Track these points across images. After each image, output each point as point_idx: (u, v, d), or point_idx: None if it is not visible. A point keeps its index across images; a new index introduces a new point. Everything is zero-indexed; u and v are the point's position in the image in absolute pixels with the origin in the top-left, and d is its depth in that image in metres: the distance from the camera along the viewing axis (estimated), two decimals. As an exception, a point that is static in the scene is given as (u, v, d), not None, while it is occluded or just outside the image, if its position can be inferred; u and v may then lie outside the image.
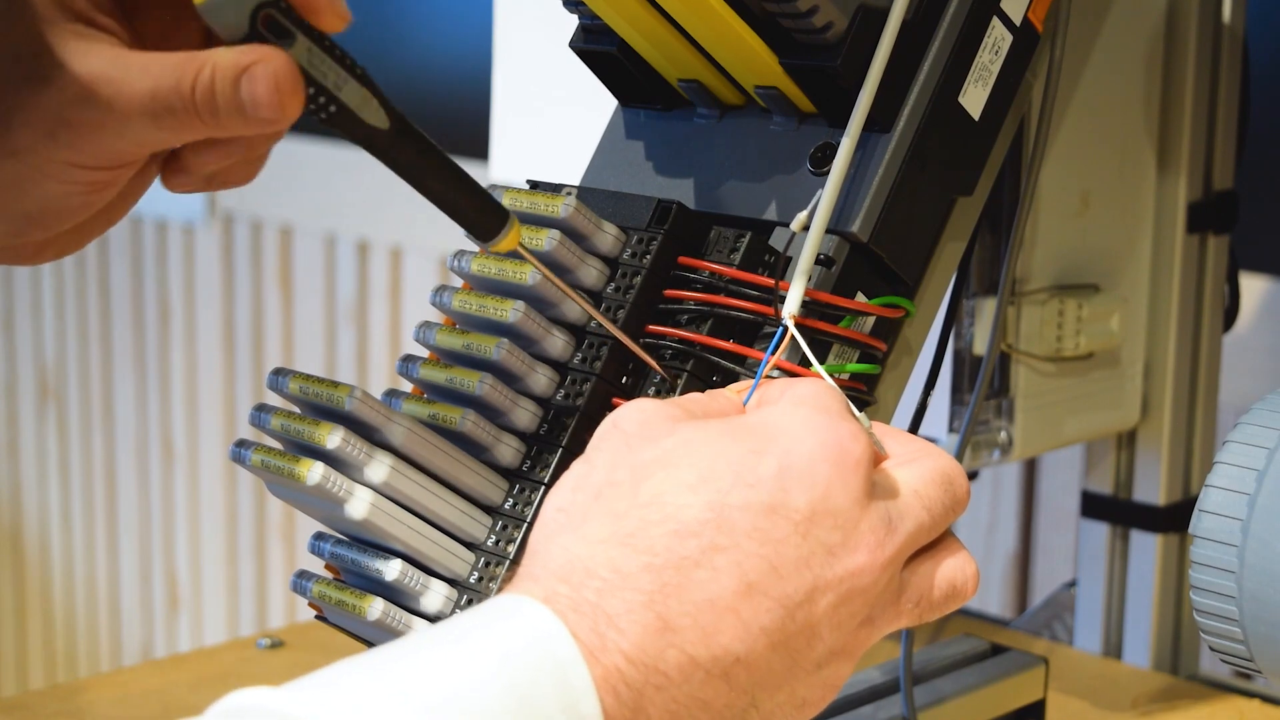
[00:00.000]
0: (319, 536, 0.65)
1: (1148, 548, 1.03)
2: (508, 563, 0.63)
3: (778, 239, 0.67)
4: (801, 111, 0.69)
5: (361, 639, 0.65)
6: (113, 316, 2.40)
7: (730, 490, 0.53)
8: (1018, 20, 0.70)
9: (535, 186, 0.70)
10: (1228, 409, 1.06)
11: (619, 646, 0.51)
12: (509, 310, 0.64)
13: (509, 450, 0.65)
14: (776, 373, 0.63)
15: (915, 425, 0.79)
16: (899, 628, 0.58)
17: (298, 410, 0.64)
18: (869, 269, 0.67)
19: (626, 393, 0.65)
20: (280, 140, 0.60)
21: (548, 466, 0.64)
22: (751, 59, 0.68)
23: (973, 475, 1.02)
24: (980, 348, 0.93)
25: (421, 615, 0.63)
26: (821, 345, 0.66)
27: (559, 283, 0.64)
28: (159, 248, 2.28)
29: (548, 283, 0.64)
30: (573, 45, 0.74)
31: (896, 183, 0.67)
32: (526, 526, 0.63)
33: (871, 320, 0.68)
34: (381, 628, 0.62)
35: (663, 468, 0.54)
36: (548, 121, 1.18)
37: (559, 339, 0.65)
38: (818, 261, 0.66)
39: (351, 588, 0.64)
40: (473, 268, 0.67)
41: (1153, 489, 1.02)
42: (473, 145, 1.67)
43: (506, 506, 0.65)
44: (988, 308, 0.92)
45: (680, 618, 0.52)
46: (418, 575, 0.62)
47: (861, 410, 0.60)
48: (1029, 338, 0.93)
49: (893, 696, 0.84)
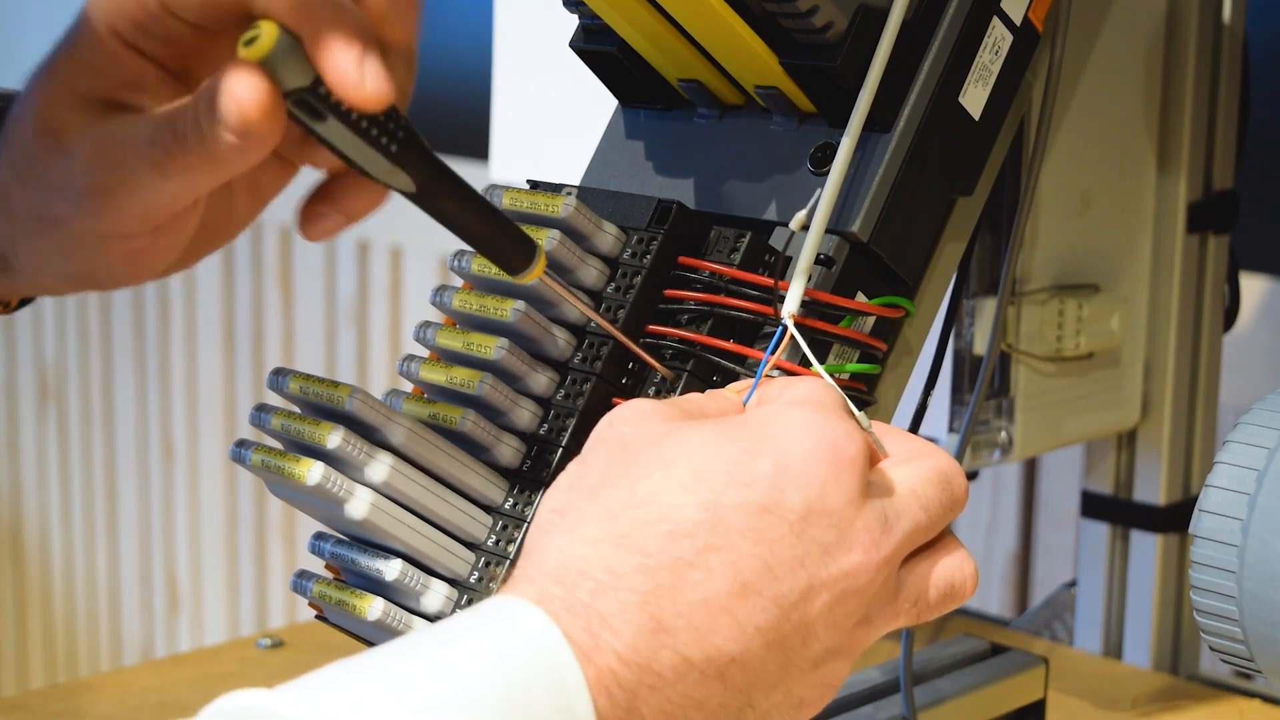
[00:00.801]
0: (319, 536, 0.65)
1: (1148, 548, 1.03)
2: (508, 563, 0.63)
3: (778, 239, 0.67)
4: (801, 111, 0.69)
5: (361, 639, 0.65)
6: (113, 316, 2.40)
7: (725, 490, 0.53)
8: (1018, 20, 0.70)
9: (535, 186, 0.70)
10: (1228, 409, 1.06)
11: (612, 647, 0.51)
12: (509, 310, 0.64)
13: (509, 450, 0.65)
14: (776, 372, 0.63)
15: (915, 425, 0.79)
16: (897, 627, 0.57)
17: (298, 410, 0.64)
18: (869, 269, 0.67)
19: (626, 393, 0.65)
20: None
21: (548, 466, 0.64)
22: (751, 59, 0.68)
23: (973, 475, 1.02)
24: (980, 348, 0.93)
25: (421, 615, 0.63)
26: (821, 345, 0.66)
27: (578, 303, 0.64)
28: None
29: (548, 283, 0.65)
30: (573, 45, 0.74)
31: (896, 183, 0.67)
32: (526, 526, 0.63)
33: (871, 320, 0.68)
34: (381, 628, 0.62)
35: (658, 468, 0.54)
36: (548, 121, 1.18)
37: (559, 339, 0.65)
38: (818, 261, 0.66)
39: (352, 588, 0.64)
40: (473, 268, 0.67)
41: (1153, 489, 1.02)
42: (473, 145, 1.67)
43: (507, 506, 0.65)
44: (988, 308, 0.92)
45: (674, 618, 0.52)
46: (418, 575, 0.62)
47: (861, 410, 0.60)
48: (1029, 338, 0.93)
49: (893, 696, 0.84)
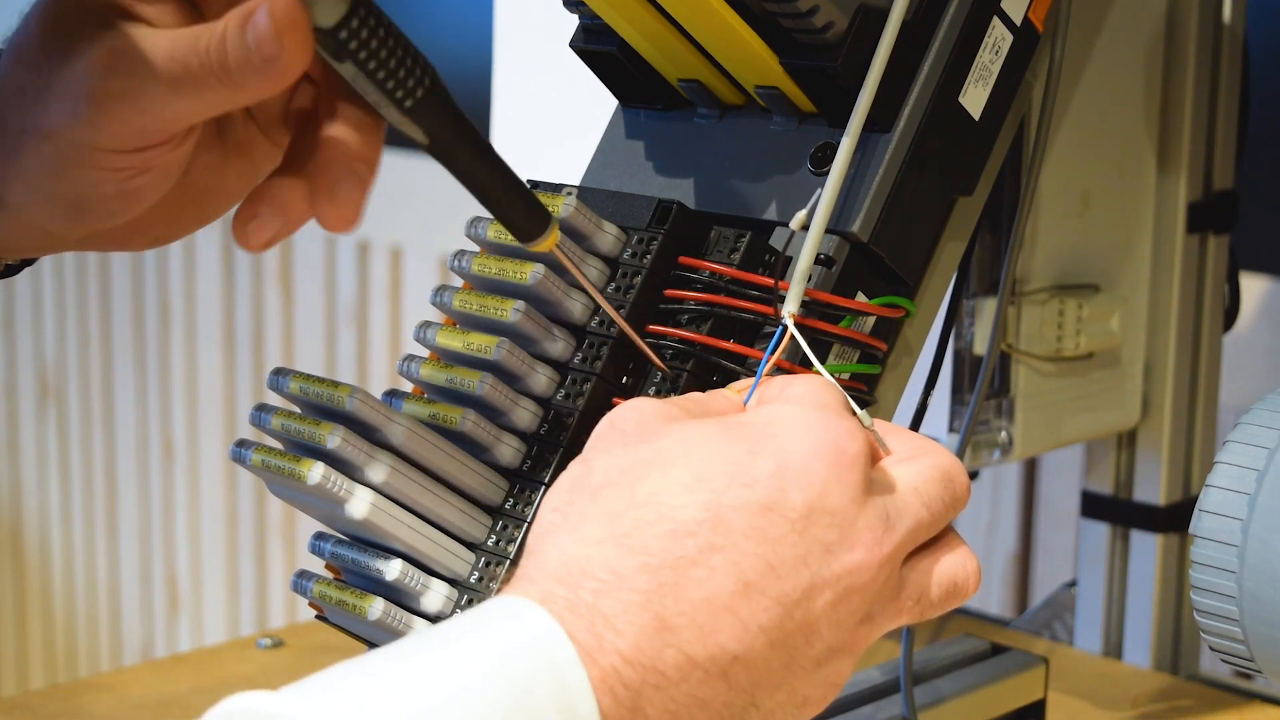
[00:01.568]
0: (319, 536, 0.65)
1: (1148, 548, 1.03)
2: (508, 563, 0.63)
3: (778, 239, 0.67)
4: (801, 111, 0.69)
5: (362, 639, 0.65)
6: (113, 316, 2.40)
7: (726, 490, 0.53)
8: (1018, 20, 0.70)
9: (535, 186, 0.70)
10: (1228, 409, 1.06)
11: (616, 647, 0.51)
12: (509, 310, 0.64)
13: (509, 450, 0.65)
14: (777, 372, 0.63)
15: (915, 425, 0.79)
16: (900, 625, 0.57)
17: (298, 410, 0.64)
18: (869, 269, 0.67)
19: (627, 393, 0.65)
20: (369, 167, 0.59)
21: (548, 466, 0.64)
22: (751, 59, 0.68)
23: (973, 475, 1.02)
24: (980, 348, 0.93)
25: (422, 615, 0.63)
26: (822, 345, 0.66)
27: (588, 284, 0.64)
28: (159, 248, 2.28)
29: (548, 282, 0.65)
30: (573, 45, 0.74)
31: (896, 183, 0.67)
32: (527, 526, 0.63)
33: (871, 320, 0.68)
34: (382, 628, 0.62)
35: (658, 467, 0.54)
36: (548, 121, 1.18)
37: (559, 339, 0.65)
38: (818, 261, 0.66)
39: (352, 588, 0.64)
40: (473, 268, 0.67)
41: (1153, 489, 1.02)
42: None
43: (507, 506, 0.65)
44: (988, 308, 0.92)
45: (677, 617, 0.51)
46: (418, 575, 0.62)
47: (862, 410, 0.60)
48: (1029, 338, 0.93)
49: (893, 696, 0.84)
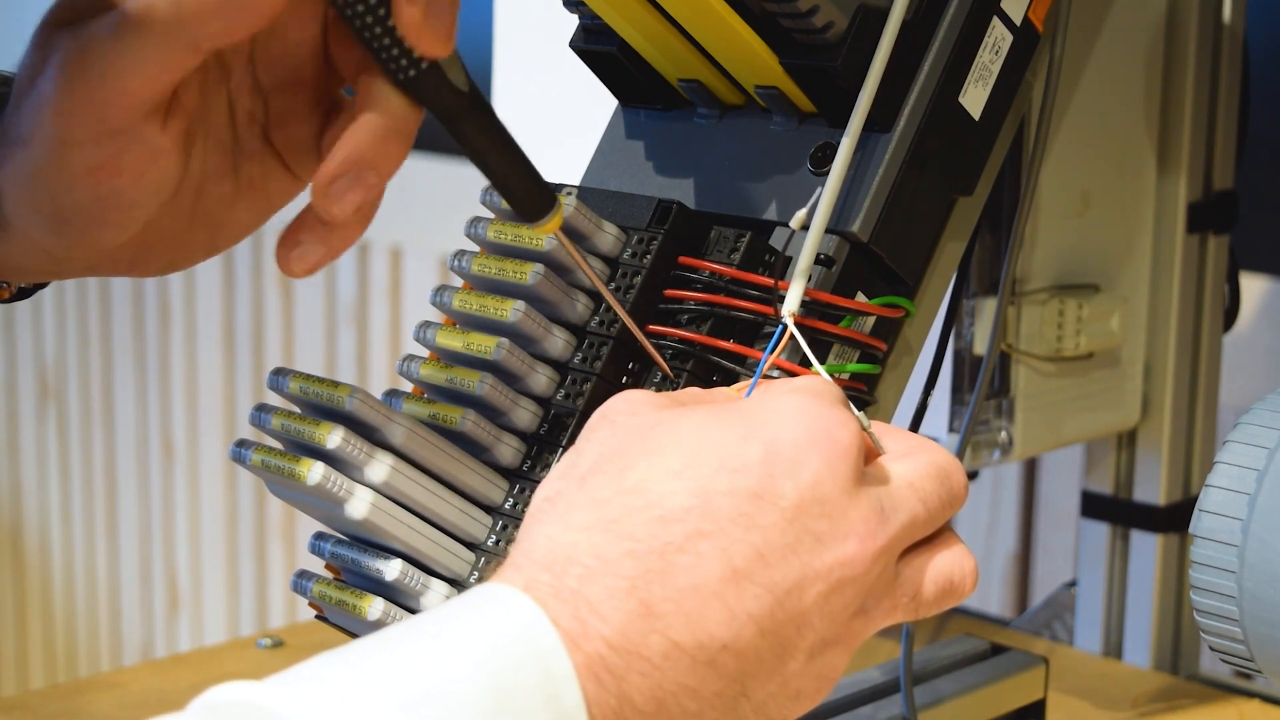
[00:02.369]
0: (319, 536, 0.65)
1: (1148, 548, 1.03)
2: (508, 562, 0.63)
3: (778, 239, 0.67)
4: (801, 111, 0.69)
5: (362, 639, 0.65)
6: (113, 316, 2.40)
7: (715, 476, 0.53)
8: (1018, 20, 0.70)
9: (535, 186, 0.70)
10: (1228, 409, 1.06)
11: (601, 633, 0.50)
12: (509, 310, 0.64)
13: (509, 450, 0.65)
14: (777, 372, 0.64)
15: (915, 425, 0.79)
16: (895, 621, 0.57)
17: (298, 410, 0.64)
18: (869, 269, 0.67)
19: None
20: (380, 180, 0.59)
21: (548, 466, 0.64)
22: (751, 59, 0.68)
23: (973, 475, 1.02)
24: (980, 348, 0.93)
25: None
26: (822, 345, 0.66)
27: (590, 272, 0.64)
28: (159, 248, 2.28)
29: (547, 282, 0.65)
30: (573, 45, 0.74)
31: (896, 183, 0.67)
32: (526, 526, 0.63)
33: (871, 320, 0.68)
34: (381, 628, 0.62)
35: (648, 455, 0.54)
36: (547, 122, 1.18)
37: (559, 339, 0.65)
38: (818, 261, 0.66)
39: (352, 588, 0.64)
40: (473, 268, 0.67)
41: (1153, 489, 1.02)
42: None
43: (507, 506, 0.65)
44: (988, 308, 0.92)
45: (663, 603, 0.51)
46: (418, 575, 0.62)
47: (861, 410, 0.60)
48: (1029, 338, 0.93)
49: (893, 696, 0.84)
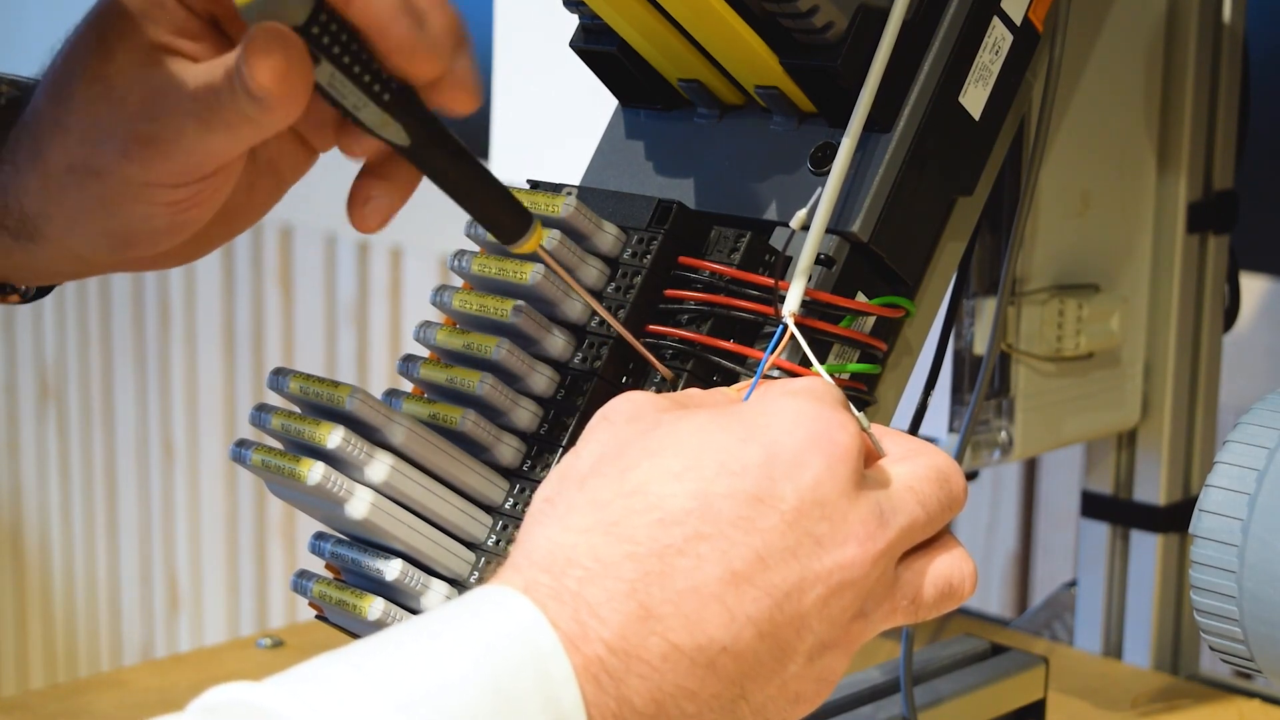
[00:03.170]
0: (319, 536, 0.65)
1: (1148, 548, 1.03)
2: (508, 563, 0.63)
3: (778, 239, 0.67)
4: (801, 111, 0.69)
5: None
6: (113, 316, 2.40)
7: (715, 478, 0.53)
8: (1018, 20, 0.70)
9: (535, 186, 0.70)
10: (1228, 409, 1.06)
11: (600, 635, 0.51)
12: (509, 310, 0.64)
13: (509, 450, 0.65)
14: (777, 372, 0.63)
15: (915, 425, 0.79)
16: (894, 625, 0.57)
17: (298, 410, 0.64)
18: (869, 269, 0.67)
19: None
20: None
21: (548, 466, 0.64)
22: (752, 59, 0.68)
23: (973, 475, 1.02)
24: (980, 348, 0.93)
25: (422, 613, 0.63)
26: (822, 345, 0.66)
27: (578, 287, 0.64)
28: (159, 248, 2.28)
29: (548, 282, 0.65)
30: (573, 45, 0.74)
31: (897, 183, 0.67)
32: (526, 526, 0.63)
33: (871, 320, 0.68)
34: (381, 628, 0.62)
35: (648, 457, 0.54)
36: (548, 122, 1.18)
37: (559, 339, 0.65)
38: (818, 261, 0.66)
39: (352, 587, 0.64)
40: (473, 268, 0.67)
41: (1153, 489, 1.02)
42: (473, 145, 1.67)
43: (507, 506, 0.65)
44: (988, 308, 0.92)
45: (663, 605, 0.51)
46: (418, 575, 0.62)
47: (861, 410, 0.60)
48: (1029, 338, 0.93)
49: (893, 696, 0.84)
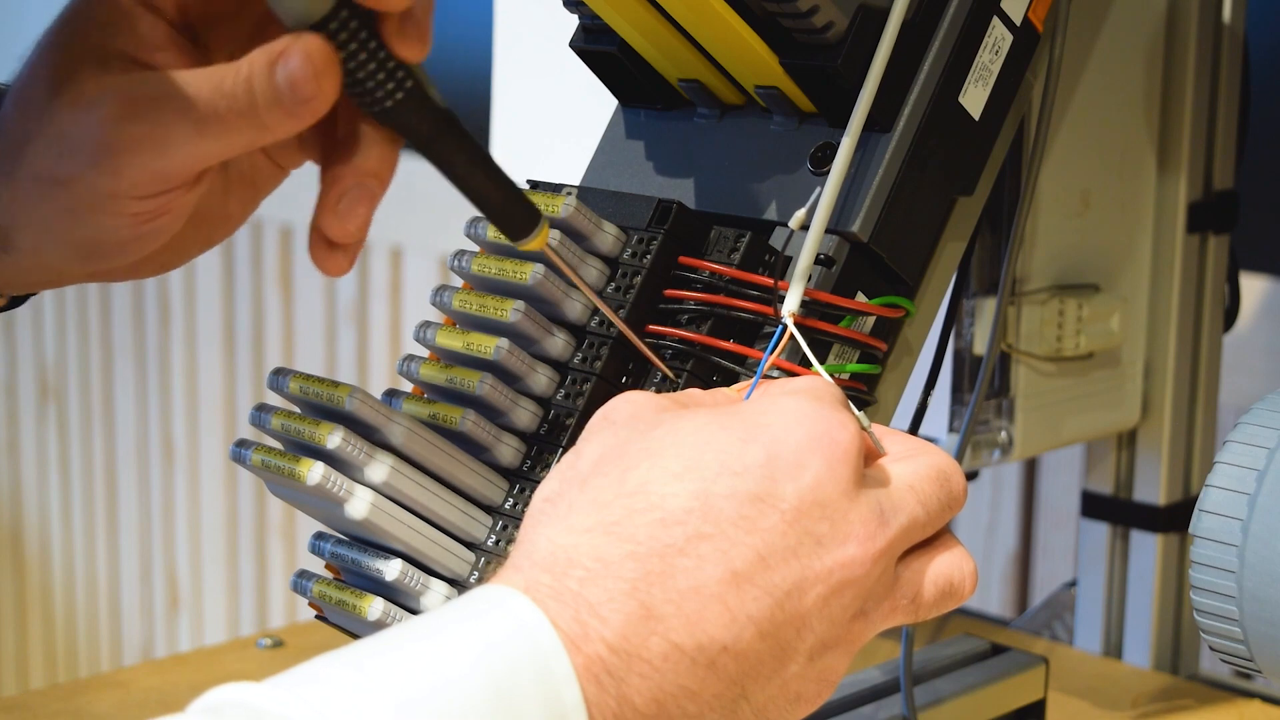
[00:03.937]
0: (319, 536, 0.65)
1: (1148, 548, 1.03)
2: (508, 563, 0.63)
3: (778, 239, 0.67)
4: (801, 111, 0.69)
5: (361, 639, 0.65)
6: (113, 316, 2.40)
7: (716, 478, 0.53)
8: (1018, 20, 0.70)
9: (535, 186, 0.70)
10: (1228, 409, 1.06)
11: (601, 635, 0.51)
12: (509, 310, 0.64)
13: (509, 450, 0.65)
14: (777, 372, 0.64)
15: (915, 425, 0.79)
16: (895, 624, 0.57)
17: (298, 410, 0.64)
18: (869, 269, 0.67)
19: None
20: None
21: (548, 466, 0.64)
22: (752, 59, 0.68)
23: (973, 475, 1.02)
24: (980, 348, 0.93)
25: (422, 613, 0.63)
26: (822, 345, 0.66)
27: (583, 285, 0.64)
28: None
29: (548, 282, 0.65)
30: (573, 45, 0.74)
31: (897, 182, 0.67)
32: (526, 526, 0.63)
33: (871, 320, 0.68)
34: (381, 628, 0.62)
35: (649, 457, 0.54)
36: (548, 122, 1.18)
37: (559, 339, 0.65)
38: (818, 261, 0.66)
39: (352, 588, 0.64)
40: (473, 268, 0.67)
41: (1153, 489, 1.02)
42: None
43: (507, 506, 0.65)
44: (988, 308, 0.92)
45: (664, 605, 0.51)
46: (418, 575, 0.62)
47: (861, 410, 0.60)
48: (1029, 338, 0.93)
49: (893, 696, 0.84)
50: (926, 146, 0.67)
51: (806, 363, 0.64)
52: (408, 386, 0.68)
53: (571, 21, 0.74)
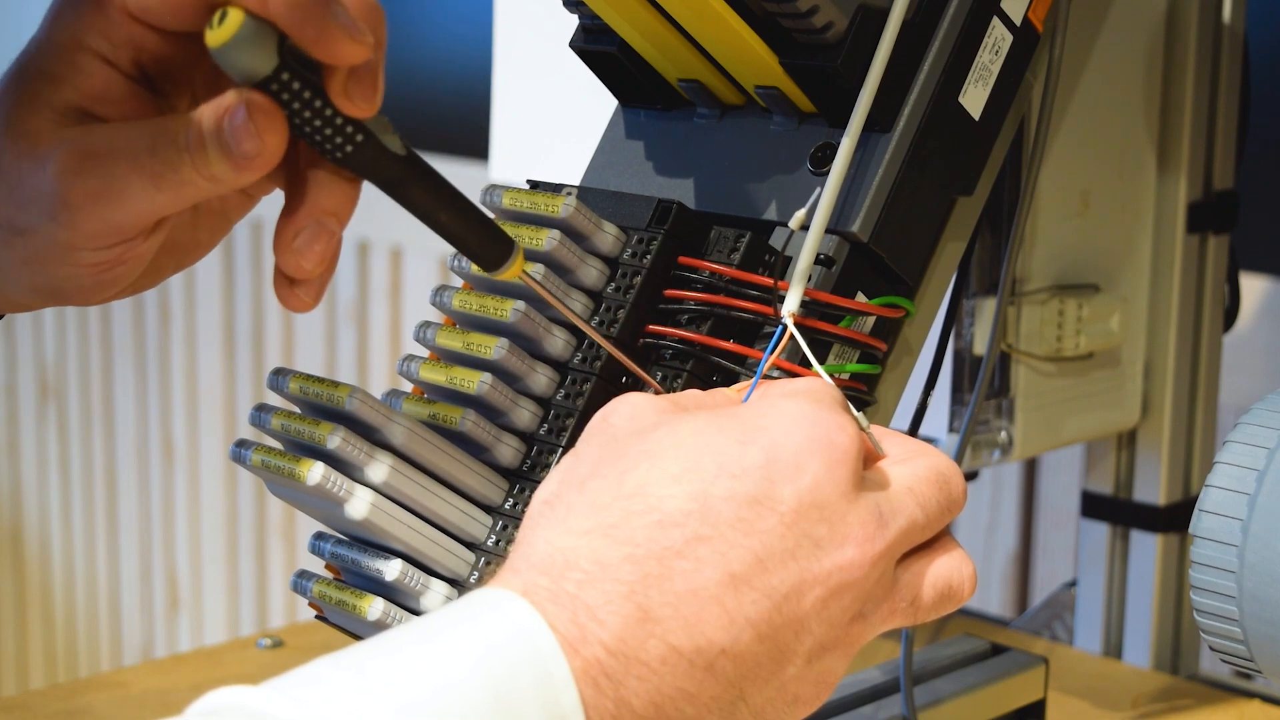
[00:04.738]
0: (319, 536, 0.65)
1: (1148, 548, 1.03)
2: (508, 563, 0.63)
3: (778, 239, 0.67)
4: (801, 111, 0.69)
5: (361, 639, 0.65)
6: (113, 316, 2.40)
7: (714, 481, 0.53)
8: (1018, 20, 0.70)
9: (535, 186, 0.70)
10: (1228, 409, 1.06)
11: (599, 638, 0.51)
12: (509, 310, 0.64)
13: (509, 450, 0.65)
14: (777, 373, 0.64)
15: (915, 425, 0.79)
16: (894, 626, 0.57)
17: (298, 410, 0.64)
18: (869, 269, 0.67)
19: (626, 392, 0.65)
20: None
21: (548, 467, 0.64)
22: (752, 59, 0.68)
23: (973, 475, 1.02)
24: (980, 348, 0.93)
25: (422, 615, 0.63)
26: (822, 345, 0.66)
27: (562, 307, 0.64)
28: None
29: (548, 282, 0.64)
30: (573, 45, 0.74)
31: (897, 183, 0.67)
32: (526, 526, 0.63)
33: (871, 320, 0.68)
34: (381, 628, 0.62)
35: (647, 459, 0.54)
36: (548, 121, 1.18)
37: (559, 339, 0.65)
38: (818, 261, 0.66)
39: (352, 588, 0.64)
40: (473, 268, 0.67)
41: (1153, 489, 1.02)
42: (473, 145, 1.67)
43: (506, 506, 0.65)
44: (988, 308, 0.92)
45: (661, 607, 0.51)
46: (418, 575, 0.62)
47: (861, 410, 0.60)
48: (1029, 338, 0.93)
49: (893, 696, 0.84)
50: (926, 146, 0.67)
51: (806, 363, 0.64)
52: (408, 386, 0.68)
53: (571, 21, 0.74)
